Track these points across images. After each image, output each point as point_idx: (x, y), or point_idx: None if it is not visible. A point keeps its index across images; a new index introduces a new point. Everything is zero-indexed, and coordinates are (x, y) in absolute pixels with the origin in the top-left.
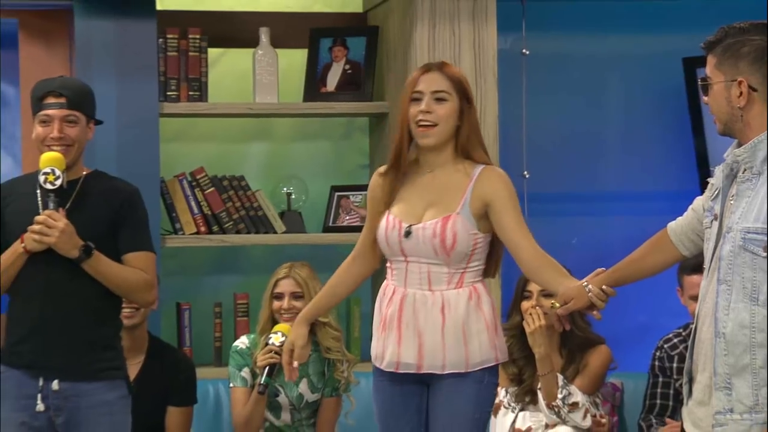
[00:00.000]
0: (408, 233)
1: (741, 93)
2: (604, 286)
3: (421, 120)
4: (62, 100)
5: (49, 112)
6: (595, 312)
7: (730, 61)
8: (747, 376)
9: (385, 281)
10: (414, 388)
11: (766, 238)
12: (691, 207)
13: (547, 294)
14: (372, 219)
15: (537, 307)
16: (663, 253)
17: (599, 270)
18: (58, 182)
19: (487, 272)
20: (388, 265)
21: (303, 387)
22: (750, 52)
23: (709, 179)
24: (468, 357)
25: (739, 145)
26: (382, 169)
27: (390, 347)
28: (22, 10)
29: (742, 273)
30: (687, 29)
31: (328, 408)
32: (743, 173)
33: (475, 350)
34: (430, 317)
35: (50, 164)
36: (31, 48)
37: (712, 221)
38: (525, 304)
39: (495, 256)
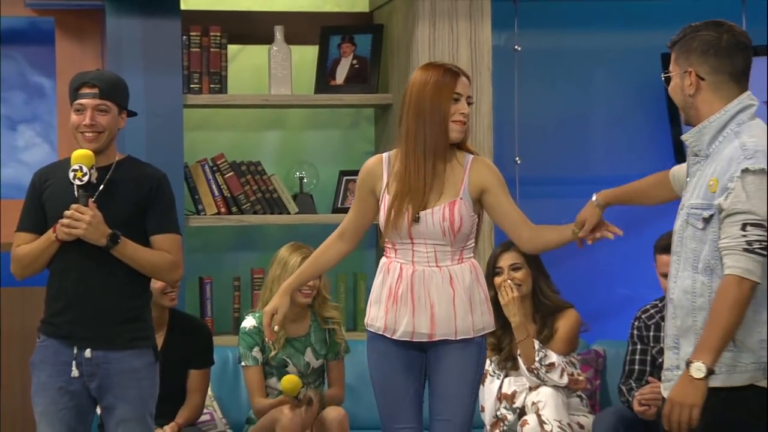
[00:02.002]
0: (417, 219)
1: (691, 82)
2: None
3: (460, 120)
4: (95, 90)
5: (83, 101)
6: (609, 232)
7: (683, 55)
8: (691, 336)
9: (385, 259)
10: (416, 354)
11: (703, 212)
12: None
13: (516, 267)
14: (359, 203)
15: (509, 281)
16: (662, 190)
17: (604, 190)
18: (86, 179)
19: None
20: (389, 245)
21: (309, 356)
22: (699, 46)
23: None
24: (474, 324)
25: None
26: (375, 159)
27: (404, 319)
28: (58, 10)
29: (688, 245)
30: (665, 28)
31: (336, 369)
32: (694, 156)
33: (478, 318)
34: (442, 290)
35: (79, 161)
36: (66, 44)
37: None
38: (498, 279)
39: (478, 234)
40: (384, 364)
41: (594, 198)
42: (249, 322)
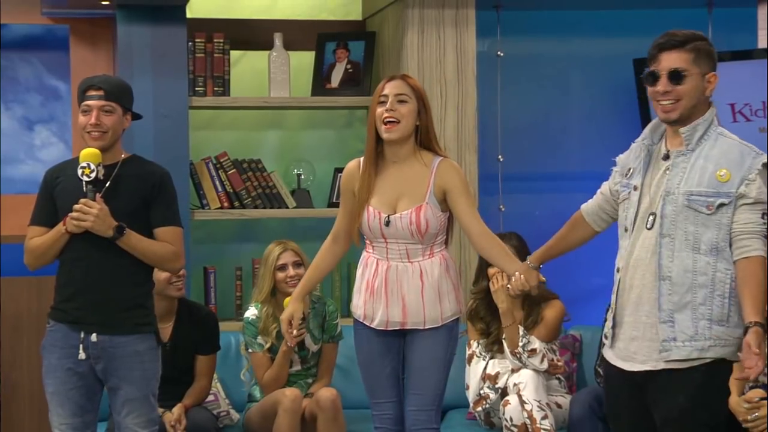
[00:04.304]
0: (387, 222)
1: (714, 86)
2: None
3: (386, 118)
4: (100, 93)
5: (89, 102)
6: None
7: (705, 58)
8: (688, 311)
9: (365, 253)
10: (393, 339)
11: (709, 199)
12: (599, 191)
13: None
14: (345, 205)
15: (501, 273)
16: (581, 231)
17: (535, 252)
18: (93, 175)
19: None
20: (367, 241)
21: (307, 340)
22: (712, 54)
23: (613, 168)
24: (442, 313)
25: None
26: (353, 163)
27: (380, 310)
28: (72, 18)
29: (684, 227)
30: (636, 35)
31: (328, 352)
32: (677, 149)
33: (446, 307)
34: (412, 283)
35: (86, 159)
36: (80, 50)
37: (630, 192)
38: (491, 270)
39: (450, 228)
40: (365, 347)
41: (530, 262)
42: (251, 312)
